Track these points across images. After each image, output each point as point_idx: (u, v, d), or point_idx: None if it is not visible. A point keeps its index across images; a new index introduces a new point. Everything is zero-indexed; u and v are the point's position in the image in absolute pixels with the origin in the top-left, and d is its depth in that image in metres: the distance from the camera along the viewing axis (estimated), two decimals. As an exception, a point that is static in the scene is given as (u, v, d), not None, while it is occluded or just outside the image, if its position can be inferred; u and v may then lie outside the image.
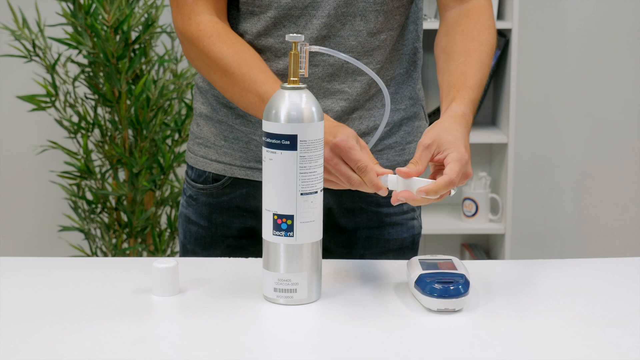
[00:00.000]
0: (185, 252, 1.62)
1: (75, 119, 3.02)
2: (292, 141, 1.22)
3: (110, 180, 2.96)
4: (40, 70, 3.03)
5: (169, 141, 2.89)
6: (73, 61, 2.81)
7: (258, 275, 1.32)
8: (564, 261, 1.48)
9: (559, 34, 3.29)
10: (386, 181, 1.29)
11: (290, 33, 1.47)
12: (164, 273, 1.29)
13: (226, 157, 1.56)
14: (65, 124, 2.93)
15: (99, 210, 2.90)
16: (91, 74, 2.80)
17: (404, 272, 1.35)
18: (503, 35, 3.12)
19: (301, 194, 1.24)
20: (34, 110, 2.81)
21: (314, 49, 1.30)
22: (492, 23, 1.51)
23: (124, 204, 2.81)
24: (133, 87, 2.77)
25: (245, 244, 1.57)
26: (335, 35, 1.48)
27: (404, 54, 1.56)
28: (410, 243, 1.62)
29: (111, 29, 2.69)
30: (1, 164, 3.27)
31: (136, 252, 2.84)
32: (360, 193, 1.52)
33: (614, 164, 3.37)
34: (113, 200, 2.92)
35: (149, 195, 2.87)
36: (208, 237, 1.59)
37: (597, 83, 3.32)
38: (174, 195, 2.88)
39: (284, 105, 1.23)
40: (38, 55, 2.78)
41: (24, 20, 2.77)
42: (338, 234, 1.58)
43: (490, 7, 1.52)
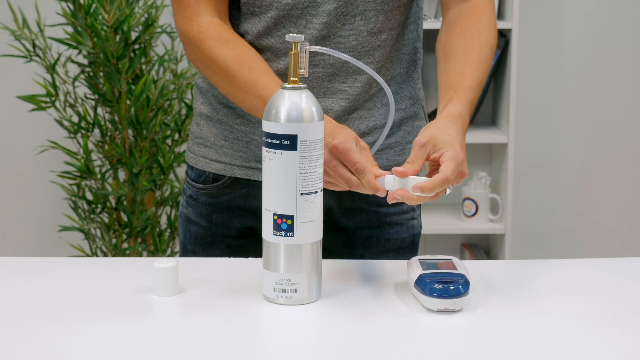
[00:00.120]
0: (185, 252, 1.62)
1: (75, 119, 3.02)
2: (292, 141, 1.22)
3: (110, 180, 2.96)
4: (40, 70, 3.03)
5: (169, 141, 2.89)
6: (73, 61, 2.81)
7: (258, 275, 1.32)
8: (564, 261, 1.48)
9: (559, 34, 3.29)
10: (384, 182, 1.29)
11: (290, 33, 1.46)
12: (164, 273, 1.29)
13: (226, 157, 1.56)
14: (65, 124, 2.92)
15: (99, 210, 2.90)
16: (91, 74, 2.80)
17: (404, 272, 1.35)
18: (503, 35, 3.11)
19: (301, 194, 1.24)
20: (34, 110, 2.81)
21: (314, 49, 1.30)
22: (493, 22, 1.51)
23: (124, 204, 2.81)
24: (133, 87, 2.77)
25: (245, 244, 1.57)
26: (335, 35, 1.48)
27: (404, 53, 1.56)
28: (410, 243, 1.62)
29: (111, 29, 2.69)
30: (1, 164, 3.27)
31: (136, 252, 2.84)
32: (360, 193, 1.52)
33: (614, 164, 3.37)
34: (113, 200, 2.92)
35: (149, 195, 2.87)
36: (208, 237, 1.59)
37: (597, 83, 3.32)
38: (174, 195, 2.88)
39: (284, 105, 1.23)
40: (38, 55, 2.78)
41: (24, 20, 2.77)
42: (338, 234, 1.58)
43: (492, 6, 1.52)
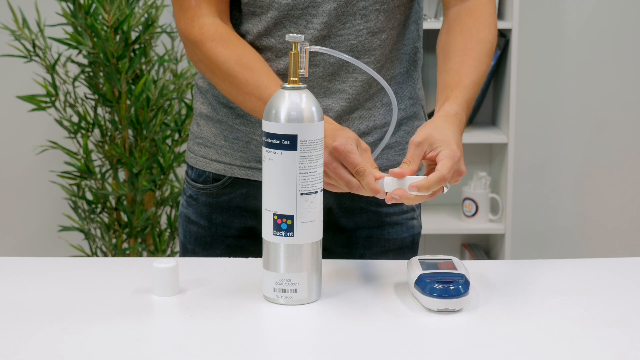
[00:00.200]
0: (185, 252, 1.62)
1: (75, 119, 3.02)
2: (292, 141, 1.22)
3: (110, 180, 2.96)
4: (40, 70, 3.03)
5: (169, 141, 2.89)
6: (73, 61, 2.81)
7: (258, 275, 1.32)
8: (564, 261, 1.48)
9: (559, 34, 3.29)
10: (383, 184, 1.29)
11: (290, 33, 1.46)
12: (164, 273, 1.29)
13: (226, 157, 1.56)
14: (65, 124, 2.92)
15: (99, 210, 2.90)
16: (91, 74, 2.80)
17: (404, 272, 1.35)
18: (503, 35, 3.11)
19: (301, 194, 1.24)
20: (34, 110, 2.81)
21: (314, 49, 1.30)
22: (493, 21, 1.51)
23: (124, 204, 2.81)
24: (133, 87, 2.77)
25: (245, 244, 1.57)
26: (335, 34, 1.48)
27: (405, 53, 1.56)
28: (410, 243, 1.62)
29: (111, 29, 2.69)
30: (1, 164, 3.27)
31: (136, 252, 2.84)
32: (360, 193, 1.52)
33: (614, 164, 3.37)
34: (113, 200, 2.92)
35: (149, 195, 2.87)
36: (208, 237, 1.59)
37: (597, 83, 3.32)
38: (174, 195, 2.88)
39: (283, 105, 1.23)
40: (38, 55, 2.78)
41: (24, 20, 2.77)
42: (338, 234, 1.58)
43: (492, 5, 1.52)
